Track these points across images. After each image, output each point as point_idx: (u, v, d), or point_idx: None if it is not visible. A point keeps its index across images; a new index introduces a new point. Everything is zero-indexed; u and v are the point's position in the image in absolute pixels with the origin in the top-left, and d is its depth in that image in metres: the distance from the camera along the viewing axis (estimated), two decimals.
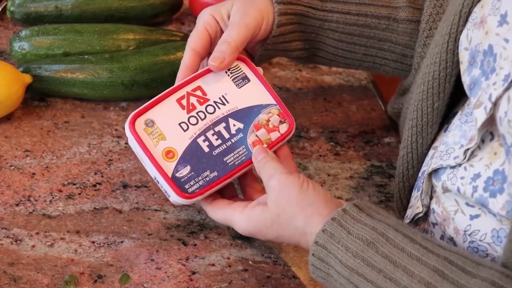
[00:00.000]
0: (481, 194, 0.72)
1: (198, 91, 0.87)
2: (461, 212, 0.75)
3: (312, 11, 0.93)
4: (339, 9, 0.94)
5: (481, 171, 0.73)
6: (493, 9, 0.73)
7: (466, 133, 0.76)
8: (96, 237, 0.88)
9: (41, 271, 0.84)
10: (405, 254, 0.71)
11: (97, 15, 1.11)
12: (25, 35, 1.06)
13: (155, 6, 1.14)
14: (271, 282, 0.86)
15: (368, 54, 0.96)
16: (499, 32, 0.71)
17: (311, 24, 0.94)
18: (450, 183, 0.76)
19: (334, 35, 0.95)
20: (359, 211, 0.75)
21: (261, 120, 0.86)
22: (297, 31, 0.94)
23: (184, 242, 0.88)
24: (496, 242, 0.73)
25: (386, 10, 0.94)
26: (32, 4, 1.10)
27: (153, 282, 0.84)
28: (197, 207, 0.92)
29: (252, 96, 0.87)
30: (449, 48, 0.80)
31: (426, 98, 0.83)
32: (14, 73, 0.99)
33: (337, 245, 0.73)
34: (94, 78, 1.02)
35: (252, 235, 0.83)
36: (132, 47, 1.07)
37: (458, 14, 0.78)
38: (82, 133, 1.00)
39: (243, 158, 0.85)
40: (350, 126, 1.06)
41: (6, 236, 0.87)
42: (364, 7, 0.94)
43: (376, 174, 0.99)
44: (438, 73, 0.81)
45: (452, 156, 0.77)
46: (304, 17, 0.93)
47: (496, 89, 0.69)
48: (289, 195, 0.78)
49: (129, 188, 0.94)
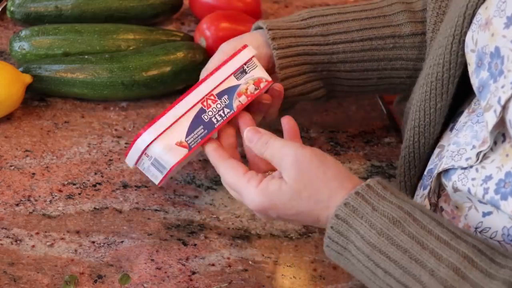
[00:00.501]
0: (492, 196, 0.72)
1: (211, 98, 0.88)
2: (475, 209, 0.75)
3: (316, 48, 0.93)
4: (342, 39, 0.93)
5: (493, 173, 0.73)
6: (499, 11, 0.72)
7: (478, 133, 0.76)
8: (96, 237, 0.88)
9: (41, 271, 0.84)
10: (433, 237, 0.69)
11: (97, 15, 1.11)
12: (25, 35, 1.06)
13: (155, 6, 1.14)
14: (271, 282, 0.86)
15: (382, 77, 0.96)
16: (506, 34, 0.71)
17: (319, 61, 0.93)
18: (461, 184, 0.76)
19: (345, 66, 0.94)
20: (384, 188, 0.73)
21: (241, 89, 0.88)
22: (308, 72, 0.93)
23: (184, 242, 0.88)
24: (506, 240, 0.73)
25: (388, 29, 0.94)
26: (32, 4, 1.10)
27: (153, 282, 0.84)
28: (197, 207, 0.92)
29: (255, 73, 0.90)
30: (453, 50, 0.79)
31: (429, 98, 0.83)
32: (14, 73, 0.99)
33: (360, 220, 0.72)
34: (94, 78, 1.02)
35: (263, 211, 0.79)
36: (132, 47, 1.07)
37: (462, 15, 0.78)
38: (82, 133, 1.00)
39: (227, 115, 0.87)
40: (350, 126, 1.06)
41: (6, 236, 0.87)
42: (367, 32, 0.93)
43: (376, 174, 0.99)
44: (442, 74, 0.81)
45: (464, 157, 0.76)
46: (310, 56, 0.93)
47: (505, 92, 0.69)
48: (310, 170, 0.76)
49: (129, 188, 0.94)
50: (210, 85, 0.87)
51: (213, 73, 0.88)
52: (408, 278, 0.69)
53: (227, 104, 0.87)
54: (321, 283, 0.86)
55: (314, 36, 0.93)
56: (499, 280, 0.66)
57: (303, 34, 0.93)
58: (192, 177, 0.96)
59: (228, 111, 0.87)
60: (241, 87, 0.88)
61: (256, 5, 1.17)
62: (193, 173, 0.96)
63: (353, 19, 0.94)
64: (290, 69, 0.92)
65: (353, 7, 0.96)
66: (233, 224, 0.91)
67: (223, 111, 0.87)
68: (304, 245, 0.90)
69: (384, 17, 0.94)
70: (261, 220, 0.92)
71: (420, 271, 0.68)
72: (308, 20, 0.94)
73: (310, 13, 0.95)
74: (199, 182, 0.96)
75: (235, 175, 0.80)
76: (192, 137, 0.85)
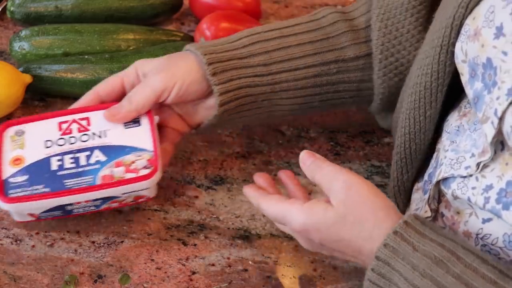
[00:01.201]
0: (494, 206, 0.72)
1: (84, 121, 0.88)
2: (475, 215, 0.75)
3: (258, 79, 0.90)
4: (286, 68, 0.90)
5: (493, 182, 0.72)
6: (487, 21, 0.71)
7: (476, 141, 0.76)
8: (96, 237, 0.88)
9: (41, 271, 0.84)
10: (479, 276, 0.67)
11: (97, 15, 1.11)
12: (25, 35, 1.06)
13: (155, 6, 1.14)
14: (271, 282, 0.86)
15: (324, 100, 0.94)
16: (496, 44, 0.70)
17: (261, 92, 0.90)
18: (460, 192, 0.75)
19: (288, 94, 0.91)
20: (422, 224, 0.71)
21: (126, 160, 0.85)
22: (248, 103, 0.90)
23: (184, 242, 0.88)
24: (508, 246, 0.72)
25: (332, 54, 0.91)
26: (32, 4, 1.10)
27: (153, 282, 0.84)
28: (197, 207, 0.92)
29: (132, 138, 0.86)
30: (441, 60, 0.79)
31: (418, 107, 0.83)
32: (14, 73, 0.99)
33: (402, 262, 0.70)
34: (94, 78, 1.02)
35: (305, 232, 0.76)
36: (132, 47, 1.07)
37: (450, 26, 0.77)
38: None
39: (84, 184, 0.83)
40: (350, 126, 1.06)
41: (6, 236, 0.87)
42: (310, 58, 0.91)
43: (376, 174, 0.99)
44: (430, 84, 0.81)
45: (463, 165, 0.76)
46: (252, 88, 0.90)
47: (501, 104, 0.68)
48: (360, 196, 0.74)
49: None
50: None
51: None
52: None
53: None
54: (321, 283, 0.86)
55: (256, 66, 0.89)
56: None
57: (244, 65, 0.89)
58: (192, 177, 0.96)
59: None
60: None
61: (256, 5, 1.17)
62: (193, 173, 0.96)
63: (296, 45, 0.91)
64: (229, 104, 0.89)
65: (296, 28, 0.92)
66: (233, 224, 0.91)
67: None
68: None
69: (327, 39, 0.92)
70: (261, 220, 0.92)
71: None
72: (250, 48, 0.90)
73: (251, 38, 0.91)
74: (199, 182, 0.96)
75: (277, 203, 0.78)
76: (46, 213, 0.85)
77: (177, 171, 0.96)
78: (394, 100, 0.92)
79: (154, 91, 0.87)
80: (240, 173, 0.97)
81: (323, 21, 0.93)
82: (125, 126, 0.87)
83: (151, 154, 0.85)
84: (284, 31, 0.92)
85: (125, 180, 0.83)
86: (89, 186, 0.82)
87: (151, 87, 0.87)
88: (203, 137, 1.01)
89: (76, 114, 0.89)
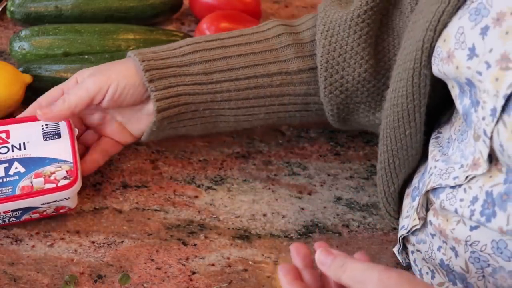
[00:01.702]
0: (478, 219, 0.72)
1: (3, 134, 0.89)
2: (462, 223, 0.75)
3: (198, 88, 0.89)
4: (226, 78, 0.90)
5: (478, 193, 0.72)
6: (459, 43, 0.71)
7: (463, 152, 0.76)
8: (96, 237, 0.88)
9: (41, 271, 0.84)
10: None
11: (97, 15, 1.11)
12: (25, 35, 1.06)
13: (155, 6, 1.14)
14: (271, 282, 0.85)
15: (270, 112, 0.93)
16: (470, 65, 0.70)
17: (202, 100, 0.90)
18: (449, 203, 0.75)
19: (230, 104, 0.91)
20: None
21: (45, 171, 0.86)
22: (189, 111, 0.90)
23: (184, 242, 0.88)
24: (496, 253, 0.72)
25: (275, 66, 0.91)
26: (32, 4, 1.10)
27: (153, 282, 0.84)
28: (197, 207, 0.92)
29: (52, 150, 0.88)
30: (415, 82, 0.78)
31: (397, 126, 0.82)
32: (14, 73, 0.99)
33: None
34: None
35: None
36: (132, 47, 1.07)
37: (420, 49, 0.76)
38: None
39: (3, 195, 0.84)
40: None
41: (6, 236, 0.87)
42: (252, 69, 0.90)
43: (376, 174, 0.99)
44: (407, 105, 0.80)
45: (452, 176, 0.76)
46: (191, 95, 0.89)
47: (488, 124, 0.68)
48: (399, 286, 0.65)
49: (129, 188, 0.94)
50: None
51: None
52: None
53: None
54: None
55: (196, 75, 0.89)
56: None
57: (184, 73, 0.89)
58: (192, 177, 0.96)
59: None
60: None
61: (256, 5, 1.17)
62: (193, 173, 0.96)
63: (238, 55, 0.90)
64: (168, 111, 0.89)
65: (238, 39, 0.92)
66: (233, 224, 0.91)
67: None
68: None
69: (271, 51, 0.91)
70: (261, 220, 0.92)
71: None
72: (190, 56, 0.90)
73: (193, 47, 0.91)
74: (199, 182, 0.96)
75: None
76: None
77: (177, 171, 0.96)
78: (346, 116, 0.92)
79: (87, 91, 0.88)
80: (240, 173, 0.97)
81: (268, 33, 0.92)
82: (44, 139, 0.89)
83: (71, 165, 0.87)
84: (226, 41, 0.91)
85: (45, 190, 0.85)
86: (7, 197, 0.84)
87: (85, 88, 0.88)
88: (203, 137, 1.01)
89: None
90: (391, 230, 0.92)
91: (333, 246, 0.90)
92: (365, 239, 0.91)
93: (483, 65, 0.68)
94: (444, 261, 0.78)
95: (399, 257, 0.88)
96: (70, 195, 0.86)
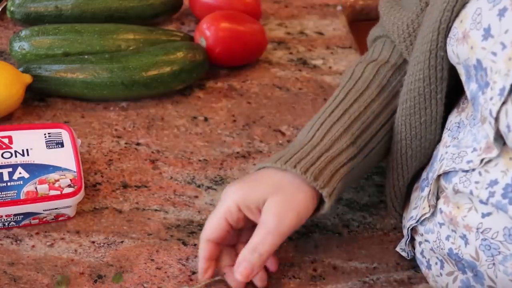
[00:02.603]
0: (499, 201, 0.72)
1: (5, 139, 0.90)
2: (474, 210, 0.75)
3: (351, 163, 0.84)
4: (368, 136, 0.86)
5: (498, 177, 0.72)
6: (475, 23, 0.72)
7: (476, 136, 0.76)
8: (96, 237, 0.88)
9: (41, 271, 0.84)
10: None
11: (97, 15, 1.11)
12: (25, 35, 1.06)
13: (155, 6, 1.14)
14: (271, 282, 0.85)
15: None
16: (485, 46, 0.71)
17: (357, 166, 0.85)
18: (463, 186, 0.75)
19: (378, 153, 0.88)
20: None
21: (50, 178, 0.87)
22: (349, 181, 0.86)
23: (184, 242, 0.88)
24: (508, 240, 0.72)
25: (393, 101, 0.88)
26: (32, 4, 1.10)
27: (153, 282, 0.84)
28: (197, 207, 0.92)
29: (55, 158, 0.89)
30: (431, 65, 0.79)
31: (413, 113, 0.83)
32: (14, 73, 0.99)
33: None
34: (94, 78, 1.02)
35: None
36: (132, 47, 1.07)
37: (437, 30, 0.77)
38: (82, 133, 1.00)
39: (7, 198, 0.85)
40: None
41: (6, 236, 0.87)
42: (382, 116, 0.87)
43: (376, 174, 0.99)
44: (423, 89, 0.81)
45: (465, 160, 0.76)
46: (348, 174, 0.84)
47: (495, 104, 0.69)
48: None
49: (129, 188, 0.94)
50: None
51: None
52: None
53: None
54: (321, 283, 0.86)
55: (347, 149, 0.84)
56: None
57: (335, 154, 0.83)
58: (192, 177, 0.96)
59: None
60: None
61: (256, 5, 1.17)
62: (193, 173, 0.96)
63: (361, 108, 0.87)
64: (334, 194, 0.82)
65: (348, 97, 0.88)
66: None
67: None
68: (304, 245, 0.90)
69: (389, 106, 0.88)
70: None
71: None
72: (328, 136, 0.85)
73: (323, 128, 0.85)
74: (199, 182, 0.96)
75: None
76: None
77: (177, 171, 0.96)
78: None
79: (283, 238, 0.79)
80: (240, 173, 0.97)
81: (358, 74, 0.90)
82: (47, 147, 0.90)
83: (75, 174, 0.88)
84: (342, 104, 0.88)
85: (50, 196, 0.85)
86: (12, 200, 0.85)
87: (280, 235, 0.79)
88: (203, 137, 1.01)
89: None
90: (391, 230, 0.92)
91: (333, 246, 0.90)
92: (365, 239, 0.91)
93: (499, 45, 0.69)
94: (453, 250, 0.78)
95: (404, 252, 0.88)
96: (73, 203, 0.87)
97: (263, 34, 1.12)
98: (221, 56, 1.10)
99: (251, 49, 1.12)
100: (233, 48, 1.10)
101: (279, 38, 1.19)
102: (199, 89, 1.09)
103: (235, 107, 1.07)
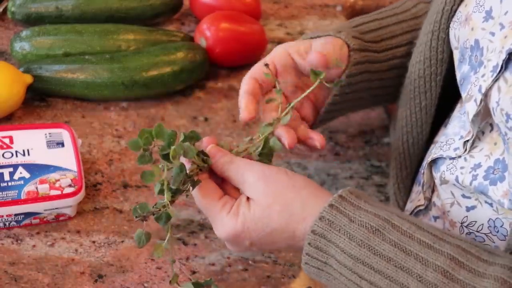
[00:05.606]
0: (481, 182, 0.73)
1: (6, 139, 0.91)
2: (457, 204, 0.76)
3: (375, 55, 0.86)
4: (392, 45, 0.88)
5: (482, 161, 0.73)
6: (478, 6, 0.74)
7: (465, 123, 0.77)
8: (96, 236, 0.88)
9: (42, 270, 0.84)
10: (415, 242, 0.68)
11: (97, 16, 1.12)
12: (26, 36, 1.06)
13: (155, 6, 1.14)
14: (271, 282, 0.86)
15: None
16: (485, 26, 0.72)
17: (377, 69, 0.87)
18: (449, 173, 0.76)
19: (394, 72, 0.88)
20: (357, 198, 0.71)
21: (50, 178, 0.88)
22: (365, 81, 0.87)
23: (184, 242, 0.89)
24: (493, 232, 0.73)
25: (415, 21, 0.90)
26: (32, 4, 1.10)
27: (153, 282, 0.84)
28: (197, 207, 0.92)
29: (56, 158, 0.90)
30: (432, 46, 0.80)
31: (413, 97, 0.83)
32: (15, 73, 1.00)
33: (338, 233, 0.69)
34: (94, 78, 1.02)
35: (236, 238, 0.75)
36: (132, 48, 1.08)
37: (441, 12, 0.78)
38: (83, 133, 1.00)
39: (8, 198, 0.85)
40: (349, 126, 1.06)
41: (7, 236, 0.87)
42: (406, 35, 0.88)
43: (376, 174, 0.99)
44: (424, 71, 0.81)
45: (452, 147, 0.77)
46: (371, 63, 0.86)
47: (486, 80, 0.70)
48: (277, 182, 0.73)
49: (130, 188, 0.94)
50: None
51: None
52: (395, 287, 0.67)
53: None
54: (321, 283, 0.86)
55: (369, 42, 0.86)
56: (490, 278, 0.65)
57: (363, 38, 0.86)
58: None
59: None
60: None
61: (256, 5, 1.17)
62: None
63: (394, 23, 0.89)
64: (353, 78, 0.85)
65: (387, 12, 0.90)
66: None
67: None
68: None
69: (416, 18, 0.90)
70: None
71: (407, 279, 0.67)
72: (359, 27, 0.87)
73: (354, 21, 0.88)
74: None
75: (209, 200, 0.76)
76: None
77: None
78: None
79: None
80: None
81: (407, 4, 0.92)
82: (48, 147, 0.91)
83: (75, 174, 0.88)
84: (378, 15, 0.90)
85: (50, 196, 0.86)
86: (13, 200, 0.85)
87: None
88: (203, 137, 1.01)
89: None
90: None
91: None
92: None
93: (497, 26, 0.71)
94: None
95: None
96: (74, 203, 0.87)
97: (263, 34, 1.12)
98: (221, 56, 1.10)
99: (251, 49, 1.12)
100: (233, 48, 1.10)
101: (279, 39, 1.19)
102: (199, 89, 1.09)
103: (235, 107, 1.06)
